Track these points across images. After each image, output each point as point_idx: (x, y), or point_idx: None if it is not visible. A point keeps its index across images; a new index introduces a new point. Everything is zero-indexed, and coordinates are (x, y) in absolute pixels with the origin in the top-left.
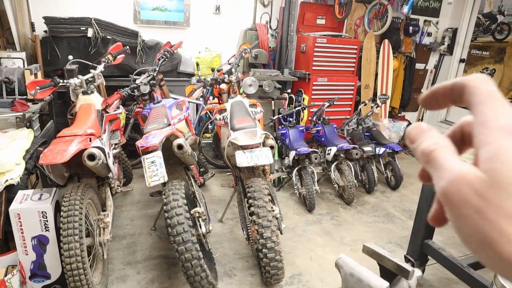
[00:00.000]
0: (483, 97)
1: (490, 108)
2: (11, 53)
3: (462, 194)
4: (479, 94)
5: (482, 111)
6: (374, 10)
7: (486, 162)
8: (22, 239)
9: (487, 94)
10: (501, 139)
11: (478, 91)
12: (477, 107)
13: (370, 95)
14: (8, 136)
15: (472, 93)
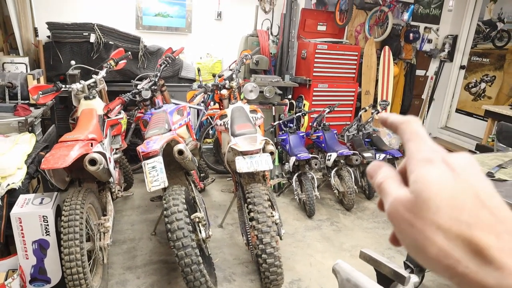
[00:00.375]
0: (410, 136)
1: (415, 144)
2: (14, 58)
3: (399, 212)
4: (407, 133)
5: (409, 147)
6: (375, 17)
7: (412, 185)
8: (23, 243)
9: (413, 133)
10: (421, 167)
11: (407, 131)
12: (407, 144)
13: (371, 101)
14: (10, 140)
15: (403, 133)
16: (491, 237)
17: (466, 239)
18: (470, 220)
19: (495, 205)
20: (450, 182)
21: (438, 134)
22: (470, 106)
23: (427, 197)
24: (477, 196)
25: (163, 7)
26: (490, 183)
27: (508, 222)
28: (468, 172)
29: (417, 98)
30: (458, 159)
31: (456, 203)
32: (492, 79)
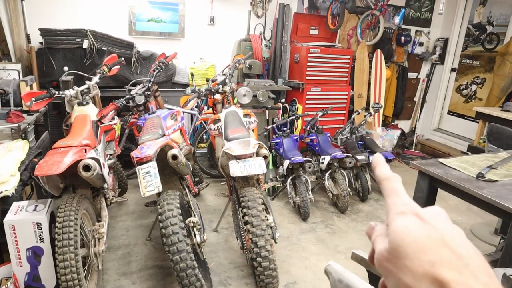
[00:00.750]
0: (389, 192)
1: (392, 200)
2: (7, 64)
3: (381, 264)
4: (387, 190)
5: (388, 203)
6: (366, 20)
7: (389, 236)
8: (17, 251)
9: (391, 190)
10: (395, 220)
11: (387, 187)
12: (386, 199)
13: (363, 104)
14: (3, 147)
15: (384, 188)
16: (451, 272)
17: (431, 276)
18: (434, 259)
19: (457, 245)
20: (417, 229)
21: (430, 136)
22: (461, 108)
23: (398, 245)
24: (441, 239)
25: (156, 12)
26: (455, 228)
27: (467, 258)
28: (435, 220)
29: (409, 100)
30: (427, 210)
31: (421, 246)
32: (483, 81)
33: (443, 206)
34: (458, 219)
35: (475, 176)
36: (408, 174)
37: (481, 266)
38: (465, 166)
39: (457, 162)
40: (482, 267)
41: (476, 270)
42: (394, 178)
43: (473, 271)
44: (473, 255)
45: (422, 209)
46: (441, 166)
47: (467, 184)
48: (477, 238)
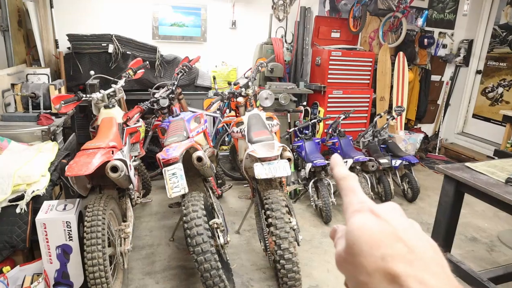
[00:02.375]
0: (346, 191)
1: (348, 199)
2: (37, 69)
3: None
4: (344, 189)
5: (345, 202)
6: (389, 23)
7: (345, 235)
8: (47, 248)
9: (348, 189)
10: (351, 218)
11: (344, 187)
12: (343, 199)
13: (386, 107)
14: (34, 148)
15: (341, 188)
16: (403, 265)
17: (383, 270)
18: (386, 254)
19: (410, 238)
20: (371, 225)
21: (454, 139)
22: (487, 111)
23: (353, 243)
24: (394, 233)
25: (179, 17)
26: (410, 222)
27: (419, 251)
28: (390, 215)
29: (432, 103)
30: (382, 206)
31: (374, 242)
32: (510, 84)
33: (469, 212)
34: (485, 225)
35: (504, 181)
36: (432, 178)
37: (433, 258)
38: (493, 171)
39: (484, 167)
40: (434, 258)
41: (428, 262)
42: (351, 177)
43: (425, 263)
44: (426, 247)
45: (377, 206)
46: (468, 170)
47: (496, 189)
48: (505, 245)
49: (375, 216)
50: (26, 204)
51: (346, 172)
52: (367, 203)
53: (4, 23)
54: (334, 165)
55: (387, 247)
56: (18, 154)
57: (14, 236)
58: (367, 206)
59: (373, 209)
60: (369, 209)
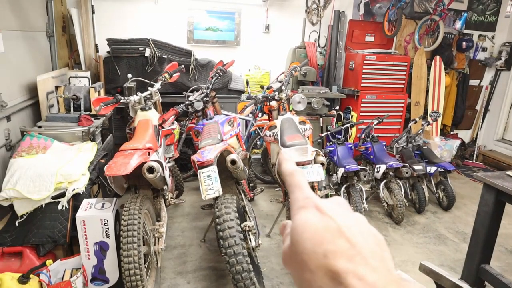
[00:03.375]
0: (292, 188)
1: (294, 195)
2: (78, 72)
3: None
4: (291, 186)
5: (291, 199)
6: (425, 26)
7: (290, 232)
8: (86, 244)
9: (294, 185)
10: (295, 215)
11: (290, 183)
12: (290, 196)
13: (421, 112)
14: (75, 148)
15: (287, 185)
16: (343, 261)
17: (325, 268)
18: (328, 250)
19: (353, 233)
20: (315, 222)
21: (493, 146)
22: None
23: (296, 240)
24: (338, 229)
25: (213, 21)
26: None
27: (361, 246)
28: (335, 211)
29: (470, 109)
30: (327, 201)
31: (317, 239)
32: None
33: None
34: None
35: None
36: (469, 186)
37: (374, 252)
38: None
39: None
40: (375, 253)
41: (367, 256)
42: (298, 173)
43: (364, 258)
44: (368, 241)
45: (323, 201)
46: (509, 179)
47: None
48: None
49: (319, 212)
50: (67, 201)
51: (293, 168)
52: (312, 199)
53: (50, 29)
54: (282, 160)
55: (330, 243)
56: (61, 153)
57: (56, 231)
58: (312, 202)
59: (318, 204)
60: (314, 205)
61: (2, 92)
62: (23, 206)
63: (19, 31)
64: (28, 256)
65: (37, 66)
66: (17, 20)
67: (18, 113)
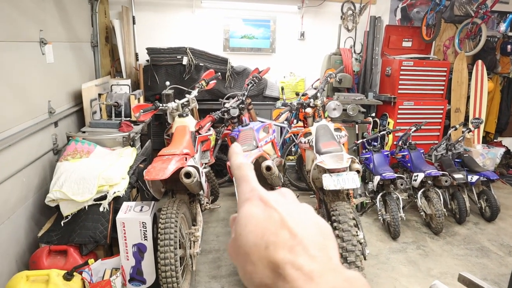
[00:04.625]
0: (239, 181)
1: (240, 188)
2: (119, 80)
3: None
4: (237, 179)
5: (238, 192)
6: (466, 30)
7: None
8: (125, 245)
9: (240, 178)
10: (240, 208)
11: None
12: (236, 188)
13: (461, 119)
14: (116, 153)
15: (235, 179)
16: (283, 252)
17: (266, 259)
18: (269, 242)
19: (296, 223)
20: (259, 214)
21: None
22: None
23: (239, 233)
24: (281, 220)
25: (249, 29)
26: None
27: (302, 236)
28: (279, 202)
29: None
30: (272, 193)
31: (259, 230)
32: None
33: None
34: None
35: None
36: None
37: (315, 241)
38: None
39: None
40: (316, 242)
41: (308, 246)
42: (245, 166)
43: (305, 248)
44: (311, 231)
45: (267, 192)
46: None
47: None
48: None
49: (263, 204)
50: (108, 203)
51: (240, 161)
52: (257, 191)
53: (94, 39)
54: (232, 154)
55: (271, 235)
56: (103, 157)
57: (97, 232)
58: (257, 193)
59: (262, 196)
60: (259, 197)
61: (51, 100)
62: (68, 207)
63: (67, 42)
64: (72, 254)
65: (82, 75)
66: (65, 32)
67: (65, 119)
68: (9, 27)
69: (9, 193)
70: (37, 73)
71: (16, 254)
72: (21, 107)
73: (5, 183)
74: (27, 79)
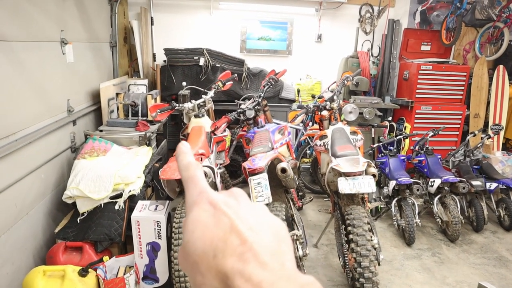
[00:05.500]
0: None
1: (189, 191)
2: (137, 80)
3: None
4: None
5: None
6: (487, 34)
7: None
8: (139, 244)
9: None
10: (188, 213)
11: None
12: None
13: (481, 125)
14: (132, 152)
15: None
16: (232, 260)
17: (214, 269)
18: (218, 249)
19: (246, 227)
20: (205, 218)
21: None
22: None
23: (187, 240)
24: (231, 224)
25: (266, 31)
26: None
27: (252, 240)
28: (228, 205)
29: None
30: (223, 194)
31: (207, 236)
32: None
33: None
34: None
35: None
36: None
37: (267, 246)
38: None
39: None
40: (268, 246)
41: (258, 252)
42: (193, 166)
43: (255, 254)
44: (263, 235)
45: (217, 195)
46: None
47: None
48: None
49: (212, 207)
50: (123, 202)
51: (188, 160)
52: (206, 193)
53: (113, 40)
54: (179, 153)
55: (220, 241)
56: (119, 156)
57: (112, 229)
58: (206, 196)
59: (212, 199)
60: (208, 200)
61: (70, 98)
62: (84, 205)
63: (86, 42)
64: (87, 251)
65: (100, 74)
66: (85, 33)
67: (83, 118)
68: (30, 27)
69: (28, 189)
70: (57, 72)
71: (33, 249)
72: (41, 105)
73: (24, 179)
74: (48, 78)
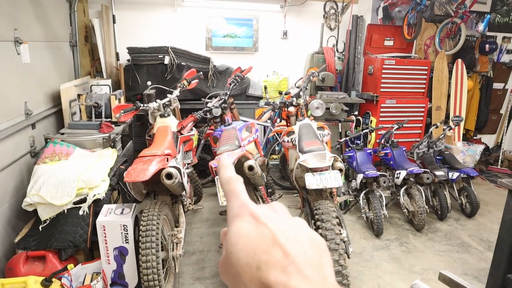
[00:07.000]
0: (228, 196)
1: (230, 203)
2: (100, 80)
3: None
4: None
5: (228, 206)
6: (446, 29)
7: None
8: (106, 249)
9: (229, 193)
10: (230, 225)
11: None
12: (227, 203)
13: (442, 117)
14: (96, 155)
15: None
16: (276, 272)
17: (258, 281)
18: (261, 261)
19: (288, 241)
20: (249, 231)
21: None
22: None
23: (230, 251)
24: (273, 237)
25: (232, 28)
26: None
27: (294, 254)
28: (271, 218)
29: (494, 113)
30: (264, 208)
31: (250, 249)
32: None
33: None
34: None
35: None
36: (493, 193)
37: (310, 259)
38: None
39: None
40: (311, 260)
41: (302, 265)
42: (235, 180)
43: (298, 267)
44: (305, 248)
45: (258, 208)
46: None
47: None
48: None
49: (254, 220)
50: (88, 206)
51: (230, 175)
52: (248, 206)
53: (73, 39)
54: (220, 167)
55: (263, 254)
56: (82, 160)
57: (77, 236)
58: (247, 209)
59: (253, 212)
60: (249, 213)
61: (28, 101)
62: (46, 211)
63: (44, 41)
64: (50, 260)
65: (60, 75)
66: (42, 32)
67: (42, 121)
68: None
69: None
70: (12, 73)
71: None
72: None
73: None
74: (1, 80)
